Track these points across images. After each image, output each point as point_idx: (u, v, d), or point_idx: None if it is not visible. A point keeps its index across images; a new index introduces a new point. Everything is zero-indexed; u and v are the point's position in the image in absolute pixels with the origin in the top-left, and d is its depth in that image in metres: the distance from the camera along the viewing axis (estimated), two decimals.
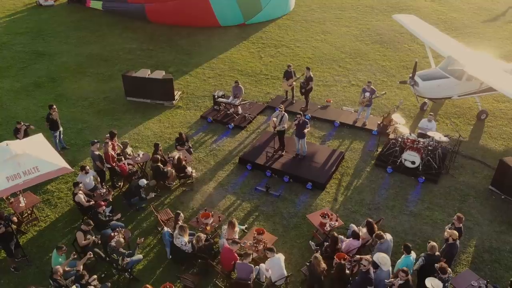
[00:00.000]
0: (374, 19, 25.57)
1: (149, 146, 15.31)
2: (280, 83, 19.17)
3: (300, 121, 13.56)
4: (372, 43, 22.69)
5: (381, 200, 12.99)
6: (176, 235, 10.55)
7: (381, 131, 15.67)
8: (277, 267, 9.94)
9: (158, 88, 17.52)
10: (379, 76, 19.62)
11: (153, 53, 22.07)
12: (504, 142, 15.25)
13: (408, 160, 13.75)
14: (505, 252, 11.13)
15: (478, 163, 14.25)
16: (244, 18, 24.72)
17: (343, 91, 18.59)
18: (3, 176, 10.52)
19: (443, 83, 15.89)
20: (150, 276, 10.81)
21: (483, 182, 13.48)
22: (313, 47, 22.44)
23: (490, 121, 16.32)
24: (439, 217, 12.32)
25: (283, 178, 13.64)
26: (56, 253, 10.01)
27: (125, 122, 16.74)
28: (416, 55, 21.34)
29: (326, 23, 25.27)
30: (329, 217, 11.18)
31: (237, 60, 21.29)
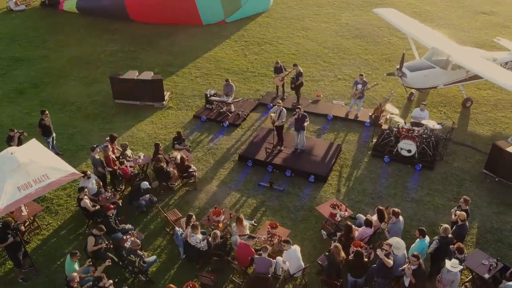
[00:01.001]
0: (351, 14, 26.05)
1: (144, 148, 15.15)
2: (268, 79, 19.33)
3: (300, 115, 13.71)
4: (352, 38, 23.12)
5: (382, 189, 13.30)
6: (190, 234, 10.50)
7: (373, 122, 16.02)
8: (295, 259, 10.06)
9: (148, 89, 17.32)
10: (363, 70, 19.98)
11: (135, 54, 21.78)
12: (490, 127, 15.87)
13: (404, 149, 14.13)
14: (506, 231, 11.62)
15: (469, 149, 14.77)
16: (225, 15, 24.71)
17: (331, 85, 18.88)
18: (14, 187, 10.19)
19: (430, 73, 16.38)
20: (164, 277, 10.73)
21: (476, 167, 14.00)
22: (296, 44, 22.66)
23: (475, 108, 16.94)
24: (439, 202, 12.72)
25: (285, 172, 13.75)
26: (69, 260, 9.78)
27: (116, 125, 16.47)
28: (396, 48, 21.94)
29: (305, 19, 25.56)
30: (338, 207, 11.38)
31: (222, 59, 21.27)
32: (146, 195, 12.43)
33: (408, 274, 8.89)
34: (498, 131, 15.68)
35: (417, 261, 8.87)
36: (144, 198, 12.36)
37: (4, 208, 9.98)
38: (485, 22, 24.41)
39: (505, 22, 24.12)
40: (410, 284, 8.91)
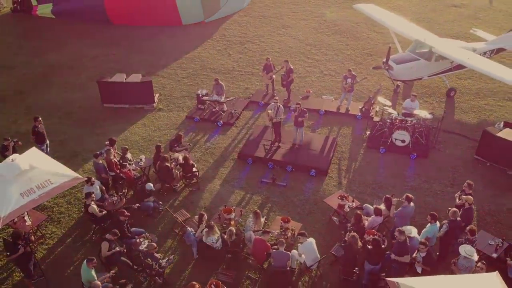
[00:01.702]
0: (328, 11, 26.44)
1: (140, 151, 15.01)
2: (256, 78, 19.46)
3: (298, 110, 13.91)
4: (332, 34, 23.52)
5: (382, 179, 13.67)
6: (206, 234, 10.50)
7: (364, 115, 16.41)
8: (311, 251, 10.25)
9: (137, 91, 17.15)
10: (347, 65, 20.36)
11: (118, 57, 21.46)
12: (475, 115, 16.54)
13: (399, 139, 14.57)
14: (503, 213, 12.19)
15: (459, 136, 15.35)
16: (204, 16, 24.68)
17: (318, 81, 19.18)
18: (17, 193, 9.93)
19: (415, 65, 16.90)
20: (180, 278, 10.73)
21: (467, 153, 14.58)
22: (278, 41, 22.87)
23: (458, 97, 17.60)
24: (437, 188, 13.19)
25: (286, 168, 13.92)
26: (86, 266, 9.61)
27: (108, 129, 16.22)
28: (376, 42, 22.48)
29: (284, 17, 25.79)
30: (346, 198, 11.65)
31: (206, 59, 21.24)
32: (151, 198, 12.30)
33: (419, 264, 9.21)
34: (483, 118, 16.36)
35: (425, 248, 9.20)
36: (149, 199, 12.24)
37: (8, 215, 9.71)
38: (457, 15, 25.31)
39: (476, 14, 25.09)
40: (423, 270, 9.23)
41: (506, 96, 17.59)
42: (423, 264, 9.20)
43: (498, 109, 16.86)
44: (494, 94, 17.73)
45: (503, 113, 16.61)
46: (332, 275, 10.66)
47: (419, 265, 9.28)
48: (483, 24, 23.49)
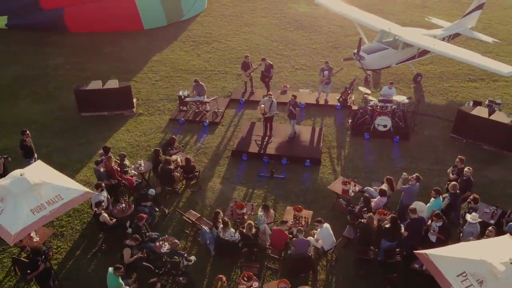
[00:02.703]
0: (286, 7, 27.10)
1: (131, 157, 14.81)
2: (231, 76, 19.74)
3: (292, 102, 14.36)
4: (295, 30, 24.18)
5: (371, 163, 14.44)
6: (223, 230, 10.68)
7: (343, 104, 17.17)
8: (328, 236, 10.75)
9: (116, 98, 16.87)
10: (315, 58, 21.13)
11: (84, 65, 20.88)
12: (443, 97, 17.78)
13: (381, 125, 15.42)
14: (487, 184, 13.27)
15: (433, 118, 16.44)
16: (167, 22, 24.56)
17: (291, 75, 19.74)
18: (27, 209, 9.60)
19: (384, 54, 17.88)
20: (201, 276, 10.82)
21: (443, 132, 15.70)
22: (244, 39, 23.19)
23: (424, 81, 18.80)
24: (424, 167, 14.12)
25: (281, 161, 14.33)
26: (113, 275, 9.51)
27: (92, 138, 15.88)
28: (338, 35, 23.43)
29: (244, 16, 26.13)
30: (349, 183, 12.26)
31: (176, 61, 21.18)
32: (148, 203, 12.15)
33: (434, 233, 9.97)
34: (451, 99, 17.63)
35: (440, 219, 9.97)
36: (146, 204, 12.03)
37: (19, 233, 9.38)
38: (406, 5, 26.81)
39: (424, 3, 26.73)
40: (437, 239, 9.99)
41: (466, 77, 19.01)
42: (438, 233, 9.93)
43: (462, 90, 18.22)
44: (456, 77, 19.11)
45: (466, 93, 17.97)
46: (347, 257, 11.21)
47: (434, 233, 10.00)
48: (432, 12, 25.07)
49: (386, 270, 10.44)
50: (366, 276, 10.62)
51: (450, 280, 7.94)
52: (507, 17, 24.52)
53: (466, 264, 7.95)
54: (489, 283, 7.58)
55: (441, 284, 8.13)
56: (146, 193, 12.17)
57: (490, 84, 18.50)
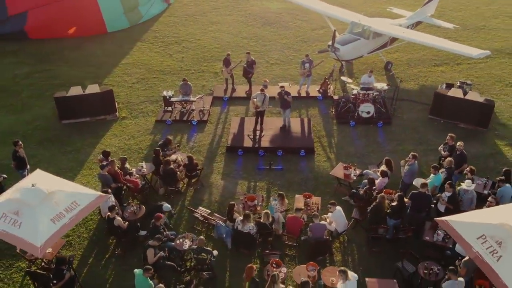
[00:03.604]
0: (248, 4, 27.48)
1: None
2: (209, 74, 19.88)
3: (283, 93, 14.75)
4: (262, 26, 24.59)
5: (361, 148, 15.12)
6: (243, 223, 10.88)
7: (324, 95, 17.79)
8: (341, 218, 11.25)
9: (98, 103, 16.55)
10: (287, 53, 21.66)
11: (54, 72, 20.21)
12: (414, 82, 18.83)
13: (364, 111, 16.15)
14: (469, 159, 13.83)
15: (408, 102, 17.38)
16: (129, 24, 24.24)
17: (268, 70, 20.12)
18: (47, 219, 9.37)
19: (357, 44, 18.67)
20: (223, 270, 10.97)
21: (421, 114, 16.67)
22: (213, 38, 23.31)
23: (395, 69, 19.79)
24: (410, 148, 14.90)
25: (276, 153, 14.69)
26: (142, 276, 9.47)
27: (79, 145, 15.51)
28: (304, 29, 24.09)
29: (208, 14, 26.23)
30: (350, 168, 12.84)
31: (149, 62, 20.98)
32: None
33: (443, 202, 10.73)
34: (422, 84, 18.71)
35: (450, 189, 10.74)
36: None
37: (45, 243, 9.16)
38: None
39: None
40: (446, 209, 10.75)
41: (432, 62, 20.22)
42: (448, 202, 10.67)
43: (430, 74, 19.37)
44: (422, 62, 20.27)
45: (435, 77, 19.13)
46: (357, 237, 11.76)
47: (444, 203, 10.74)
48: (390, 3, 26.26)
49: (398, 245, 11.08)
50: (379, 253, 11.21)
51: (471, 242, 8.64)
52: (460, 4, 26.22)
53: (485, 227, 8.68)
54: (508, 243, 8.32)
55: (463, 247, 8.86)
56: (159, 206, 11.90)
57: (454, 67, 19.78)
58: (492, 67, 19.53)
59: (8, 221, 9.31)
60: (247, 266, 9.63)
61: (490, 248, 8.43)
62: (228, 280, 10.80)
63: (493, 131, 15.55)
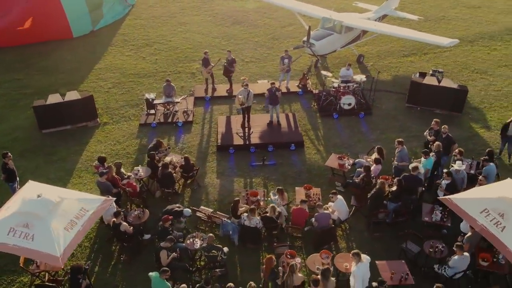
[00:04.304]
0: (214, 4, 27.52)
1: None
2: (186, 75, 19.85)
3: (273, 89, 14.99)
4: (232, 25, 24.72)
5: (347, 139, 15.62)
6: (248, 218, 11.07)
7: (304, 90, 18.21)
8: (343, 207, 11.65)
9: (79, 109, 16.18)
10: (260, 51, 21.91)
11: (24, 81, 19.54)
12: (387, 73, 19.57)
13: (346, 103, 16.66)
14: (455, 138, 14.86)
15: (385, 92, 18.07)
16: (92, 25, 23.81)
17: (244, 68, 20.29)
18: (61, 228, 9.22)
19: (330, 39, 19.21)
20: (233, 266, 11.07)
21: (398, 103, 17.39)
22: (184, 38, 23.23)
23: (366, 61, 20.48)
24: (392, 136, 15.46)
25: (267, 149, 14.93)
26: (159, 279, 9.46)
27: (64, 154, 15.14)
28: (273, 27, 24.42)
29: (175, 15, 26.07)
30: (344, 158, 13.27)
31: (122, 66, 20.67)
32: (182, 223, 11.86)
33: (442, 189, 11.33)
34: (394, 74, 19.48)
35: (449, 177, 11.33)
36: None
37: (64, 252, 9.03)
38: None
39: None
40: (445, 196, 11.34)
41: (401, 53, 21.08)
42: (446, 190, 11.27)
43: (400, 65, 20.20)
44: (391, 54, 21.09)
45: (406, 67, 19.98)
46: (358, 224, 12.19)
47: (442, 190, 11.34)
48: None
49: (398, 229, 11.60)
50: (381, 237, 11.69)
51: (475, 216, 9.27)
52: None
53: (486, 202, 9.33)
54: (510, 215, 8.99)
55: (468, 221, 9.47)
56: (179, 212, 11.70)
57: (422, 57, 20.72)
58: (457, 55, 20.60)
59: (19, 235, 9.10)
60: (266, 258, 9.83)
61: (494, 220, 9.07)
62: (239, 275, 10.92)
63: (467, 115, 16.46)
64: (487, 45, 21.40)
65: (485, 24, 23.54)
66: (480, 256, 9.95)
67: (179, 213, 11.45)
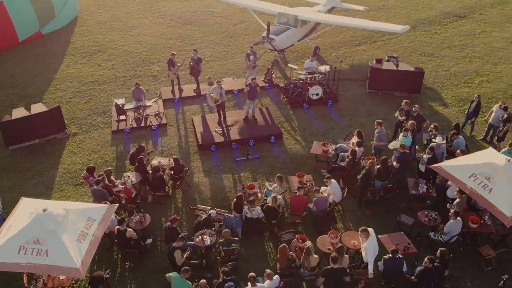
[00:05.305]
0: (161, 6, 27.21)
1: None
2: (147, 78, 19.64)
3: (253, 84, 15.30)
4: (183, 26, 24.64)
5: (321, 126, 16.32)
6: (249, 210, 11.36)
7: (270, 84, 18.70)
8: (337, 190, 12.27)
9: (46, 122, 15.54)
10: (219, 49, 22.10)
11: None
12: (345, 62, 20.49)
13: (314, 94, 17.37)
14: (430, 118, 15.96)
15: (345, 81, 18.97)
16: (39, 25, 22.78)
17: (206, 67, 20.32)
18: (73, 240, 9.04)
19: (289, 33, 19.84)
20: (240, 259, 11.30)
21: (360, 90, 18.39)
22: (137, 42, 22.85)
23: (322, 53, 21.36)
24: (362, 120, 16.47)
25: (248, 143, 15.25)
26: (180, 278, 9.52)
27: (39, 169, 14.54)
28: (225, 25, 24.66)
29: (122, 19, 25.49)
30: (327, 144, 13.92)
31: (79, 74, 19.98)
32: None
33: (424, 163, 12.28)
34: (351, 63, 20.50)
35: (431, 152, 12.28)
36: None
37: (82, 263, 8.88)
38: None
39: None
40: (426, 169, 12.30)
41: (352, 43, 22.20)
42: (427, 163, 12.21)
43: (354, 54, 21.28)
44: (344, 44, 22.14)
45: (359, 55, 21.08)
46: (349, 204, 12.87)
47: (424, 164, 12.28)
48: None
49: (388, 203, 12.43)
50: (373, 213, 12.45)
51: (464, 181, 10.27)
52: None
53: (473, 167, 10.36)
54: (496, 178, 10.04)
55: (458, 185, 10.44)
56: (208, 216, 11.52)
57: (372, 45, 21.96)
58: (403, 40, 22.06)
59: (31, 252, 8.84)
60: (280, 247, 10.18)
61: (482, 184, 10.08)
62: (248, 268, 11.08)
63: (425, 95, 17.78)
64: (428, 30, 23.09)
65: (422, 10, 25.33)
66: (470, 219, 10.95)
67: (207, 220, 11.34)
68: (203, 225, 11.07)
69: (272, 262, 11.20)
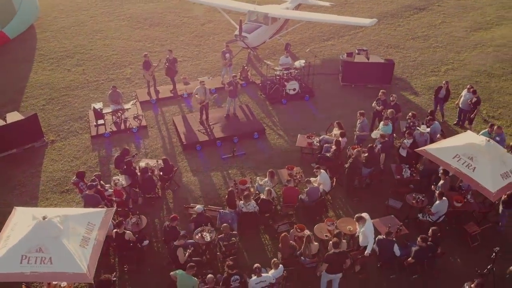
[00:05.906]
0: (125, 8, 26.84)
1: None
2: (121, 81, 19.49)
3: (234, 82, 15.46)
4: (150, 27, 24.45)
5: (302, 120, 16.69)
6: (245, 205, 11.55)
7: (247, 82, 18.93)
8: (327, 179, 12.65)
9: (24, 130, 15.12)
10: (190, 49, 22.09)
11: None
12: (316, 57, 20.99)
13: (291, 89, 17.74)
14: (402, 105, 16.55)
15: (319, 75, 19.42)
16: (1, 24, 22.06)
17: (181, 68, 19.94)
18: (76, 246, 8.94)
19: (261, 31, 20.13)
20: (239, 253, 11.49)
21: (334, 83, 18.93)
22: (105, 45, 22.50)
23: (293, 49, 21.75)
24: (338, 112, 16.91)
25: (232, 140, 15.41)
26: (186, 275, 9.59)
27: (20, 178, 14.17)
28: (193, 26, 24.67)
29: (87, 23, 24.98)
30: (311, 137, 14.30)
31: (49, 81, 19.49)
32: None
33: (405, 147, 12.86)
34: (322, 57, 21.00)
35: (410, 137, 12.87)
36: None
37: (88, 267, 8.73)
38: None
39: None
40: (407, 153, 12.89)
41: (320, 38, 22.75)
42: (409, 148, 12.79)
43: (324, 49, 21.82)
44: (313, 40, 22.65)
45: (328, 50, 21.65)
46: (337, 192, 13.29)
47: (406, 148, 12.86)
48: None
49: (373, 190, 12.96)
50: (361, 200, 12.93)
51: (449, 161, 10.89)
52: None
53: (456, 149, 10.99)
54: (478, 157, 10.69)
55: (443, 166, 11.03)
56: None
57: (340, 40, 22.58)
58: (369, 34, 22.81)
59: (34, 261, 8.66)
60: (282, 236, 10.44)
61: (465, 163, 10.71)
62: (248, 261, 11.32)
63: (395, 85, 18.50)
64: (392, 23, 23.98)
65: (384, 4, 26.25)
66: (454, 199, 11.58)
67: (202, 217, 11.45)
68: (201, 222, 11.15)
69: (270, 254, 11.43)
